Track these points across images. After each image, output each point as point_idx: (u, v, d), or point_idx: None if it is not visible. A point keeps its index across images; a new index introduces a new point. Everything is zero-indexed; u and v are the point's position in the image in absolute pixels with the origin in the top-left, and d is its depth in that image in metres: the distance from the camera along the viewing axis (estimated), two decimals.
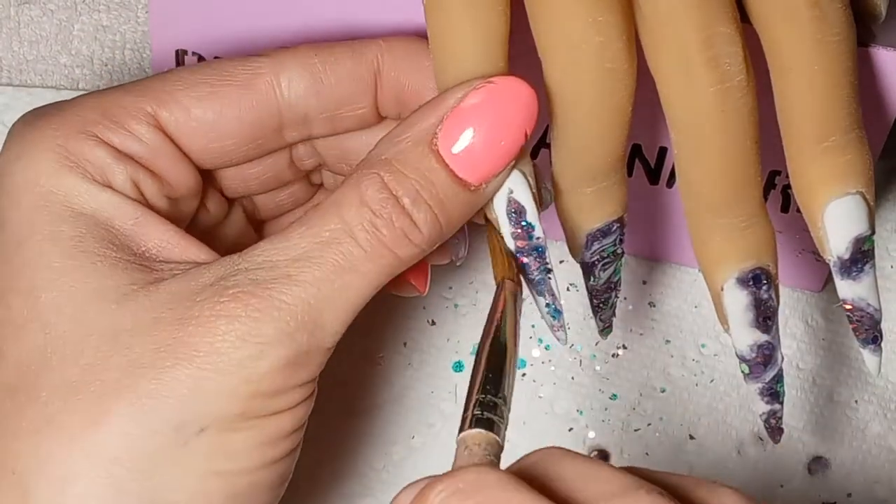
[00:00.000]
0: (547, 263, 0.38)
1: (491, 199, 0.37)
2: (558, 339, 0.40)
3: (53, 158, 0.36)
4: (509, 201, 0.37)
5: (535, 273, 0.38)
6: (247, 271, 0.35)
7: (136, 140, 0.37)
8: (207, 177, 0.40)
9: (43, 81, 0.50)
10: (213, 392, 0.34)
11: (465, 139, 0.36)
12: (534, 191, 0.37)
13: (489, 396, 0.33)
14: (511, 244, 0.38)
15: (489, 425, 0.32)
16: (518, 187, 0.37)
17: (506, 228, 0.38)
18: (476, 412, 0.33)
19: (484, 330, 0.35)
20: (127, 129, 0.37)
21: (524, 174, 0.37)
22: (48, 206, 0.36)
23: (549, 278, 0.38)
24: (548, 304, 0.39)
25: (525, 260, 0.38)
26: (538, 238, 0.38)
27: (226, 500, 0.35)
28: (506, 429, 0.33)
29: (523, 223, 0.37)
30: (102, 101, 0.38)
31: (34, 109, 0.38)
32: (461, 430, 0.32)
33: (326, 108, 0.39)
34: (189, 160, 0.39)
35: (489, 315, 0.35)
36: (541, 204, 0.38)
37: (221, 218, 0.41)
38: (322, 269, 0.35)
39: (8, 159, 0.37)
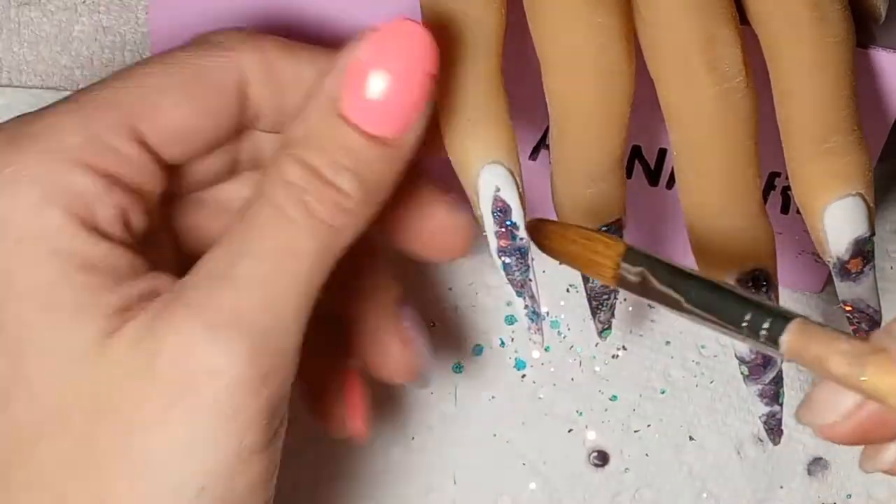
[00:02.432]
0: (529, 265, 0.38)
1: (477, 197, 0.37)
2: (535, 342, 0.39)
3: (32, 192, 0.34)
4: (495, 199, 0.37)
5: (517, 274, 0.38)
6: (195, 288, 0.33)
7: (124, 161, 0.35)
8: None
9: (43, 83, 0.50)
10: (200, 439, 0.32)
11: (367, 94, 0.34)
12: (521, 190, 0.37)
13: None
14: (494, 244, 0.37)
15: None
16: (504, 185, 0.37)
17: (490, 227, 0.37)
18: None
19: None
20: (112, 149, 0.35)
21: (511, 173, 0.37)
22: (22, 249, 0.33)
23: (531, 280, 0.38)
24: (527, 307, 0.38)
25: (507, 260, 0.38)
26: (522, 239, 0.37)
27: None
28: None
29: (507, 222, 0.37)
30: (82, 119, 0.35)
31: (12, 123, 0.35)
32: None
33: (282, 107, 0.37)
34: (161, 163, 0.36)
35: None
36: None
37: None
38: (266, 262, 0.33)
39: None
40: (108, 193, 0.34)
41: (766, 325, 0.32)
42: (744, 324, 0.32)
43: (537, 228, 0.37)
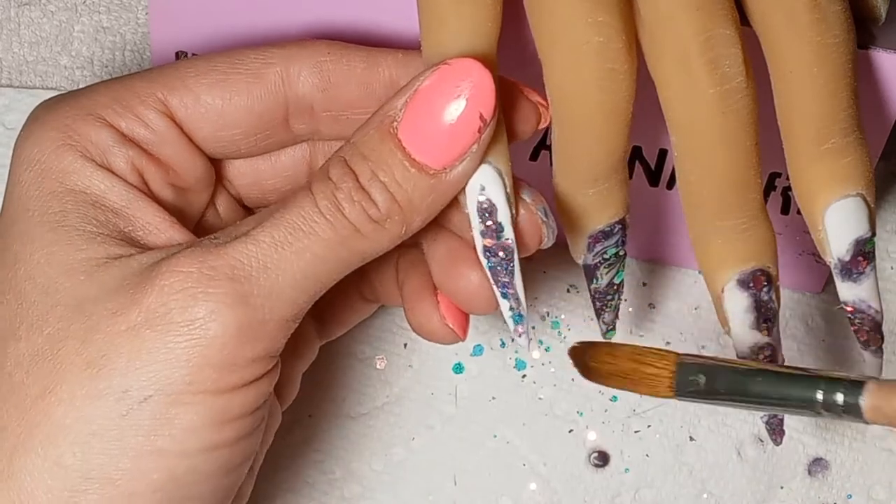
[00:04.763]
0: (515, 267, 0.37)
1: (464, 194, 0.37)
2: (520, 344, 0.39)
3: (56, 137, 0.37)
4: (479, 198, 0.37)
5: (502, 275, 0.37)
6: (213, 238, 0.35)
7: (143, 125, 0.38)
8: (222, 179, 0.40)
9: (43, 83, 0.50)
10: (162, 357, 0.34)
11: (421, 122, 0.36)
12: (508, 192, 0.37)
13: None
14: (479, 243, 0.37)
15: None
16: (490, 184, 0.37)
17: (476, 226, 0.37)
18: None
19: None
20: (135, 114, 0.38)
21: (500, 173, 0.37)
22: (42, 183, 0.37)
23: (515, 282, 0.38)
24: (511, 308, 0.38)
25: (492, 261, 0.37)
26: (507, 240, 0.37)
27: (164, 483, 0.34)
28: None
29: (492, 222, 0.37)
30: (115, 86, 0.38)
31: (58, 95, 0.39)
32: None
33: (331, 107, 0.39)
34: (198, 149, 0.39)
35: None
36: (541, 241, 0.38)
37: None
38: (280, 229, 0.35)
39: (21, 138, 0.38)
40: (120, 146, 0.37)
41: (841, 397, 0.32)
42: (818, 402, 0.32)
43: (582, 352, 0.37)
